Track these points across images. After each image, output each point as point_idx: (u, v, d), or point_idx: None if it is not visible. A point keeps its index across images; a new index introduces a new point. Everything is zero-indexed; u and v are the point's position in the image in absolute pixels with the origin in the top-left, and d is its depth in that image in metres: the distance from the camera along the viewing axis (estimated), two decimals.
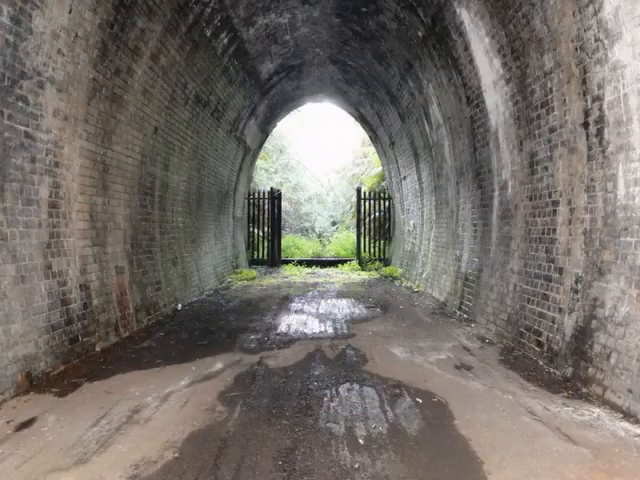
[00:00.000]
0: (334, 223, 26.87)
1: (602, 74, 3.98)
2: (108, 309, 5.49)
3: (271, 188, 16.21)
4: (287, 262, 15.80)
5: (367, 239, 16.08)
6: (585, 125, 4.29)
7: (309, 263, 15.84)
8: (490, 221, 6.78)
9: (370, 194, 16.27)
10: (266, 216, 16.03)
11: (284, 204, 18.84)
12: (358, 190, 16.14)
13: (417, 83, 9.28)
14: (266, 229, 16.07)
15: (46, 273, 4.41)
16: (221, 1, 7.53)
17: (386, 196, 15.77)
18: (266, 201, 15.95)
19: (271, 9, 8.94)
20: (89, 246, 5.27)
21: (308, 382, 4.12)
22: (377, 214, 16.05)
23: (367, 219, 16.11)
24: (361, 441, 3.01)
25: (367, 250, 15.94)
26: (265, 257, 15.61)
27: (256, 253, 15.67)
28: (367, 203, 16.03)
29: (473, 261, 7.34)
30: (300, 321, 6.79)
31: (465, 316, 7.05)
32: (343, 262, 15.83)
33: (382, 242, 15.86)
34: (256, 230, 16.00)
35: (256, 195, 15.93)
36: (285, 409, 3.51)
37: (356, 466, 2.70)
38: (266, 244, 15.80)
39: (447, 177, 8.99)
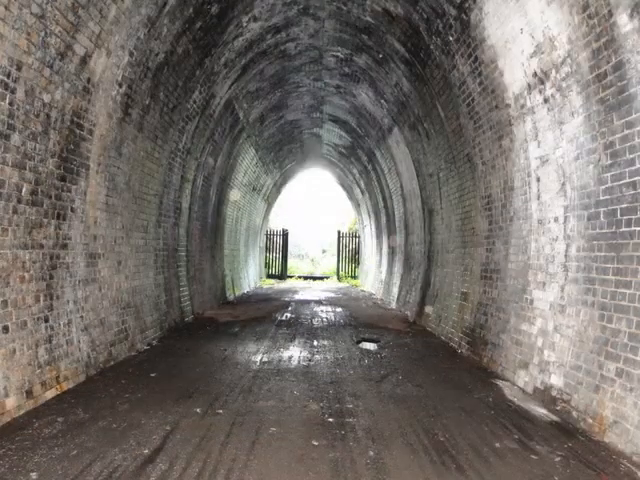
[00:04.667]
0: (324, 251, 35.28)
1: (408, 205, 12.35)
2: (229, 285, 13.66)
3: (282, 228, 24.57)
4: (290, 277, 23.99)
5: (344, 263, 24.33)
6: (424, 222, 12.64)
7: (305, 277, 24.08)
8: (390, 254, 15.09)
9: (346, 233, 24.67)
10: (278, 246, 24.29)
11: None
12: (338, 232, 24.60)
13: (368, 179, 17.74)
14: (277, 254, 24.30)
15: (213, 271, 12.59)
16: (275, 139, 15.99)
17: (357, 235, 24.15)
18: (278, 237, 24.25)
19: (292, 142, 17.48)
20: (228, 262, 13.48)
21: (309, 305, 12.31)
22: (351, 247, 24.37)
23: (344, 250, 24.42)
24: (323, 314, 11.19)
25: (344, 270, 24.19)
26: (277, 273, 23.80)
27: (271, 270, 23.86)
28: (344, 240, 24.40)
29: (385, 273, 15.62)
30: (304, 296, 14.98)
31: (379, 297, 15.27)
32: (327, 277, 24.10)
33: (353, 265, 24.14)
34: (270, 255, 24.23)
35: (272, 232, 24.25)
36: (304, 309, 11.67)
37: (320, 314, 10.85)
38: (277, 264, 24.02)
39: (380, 231, 17.34)
